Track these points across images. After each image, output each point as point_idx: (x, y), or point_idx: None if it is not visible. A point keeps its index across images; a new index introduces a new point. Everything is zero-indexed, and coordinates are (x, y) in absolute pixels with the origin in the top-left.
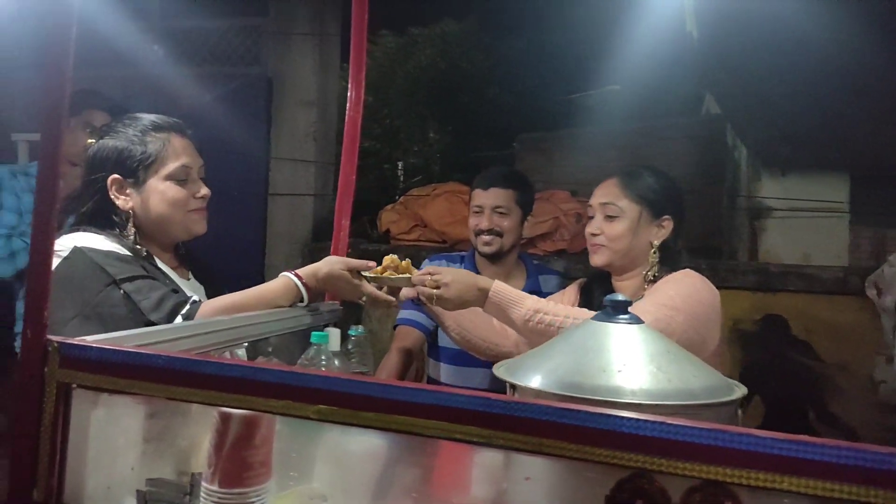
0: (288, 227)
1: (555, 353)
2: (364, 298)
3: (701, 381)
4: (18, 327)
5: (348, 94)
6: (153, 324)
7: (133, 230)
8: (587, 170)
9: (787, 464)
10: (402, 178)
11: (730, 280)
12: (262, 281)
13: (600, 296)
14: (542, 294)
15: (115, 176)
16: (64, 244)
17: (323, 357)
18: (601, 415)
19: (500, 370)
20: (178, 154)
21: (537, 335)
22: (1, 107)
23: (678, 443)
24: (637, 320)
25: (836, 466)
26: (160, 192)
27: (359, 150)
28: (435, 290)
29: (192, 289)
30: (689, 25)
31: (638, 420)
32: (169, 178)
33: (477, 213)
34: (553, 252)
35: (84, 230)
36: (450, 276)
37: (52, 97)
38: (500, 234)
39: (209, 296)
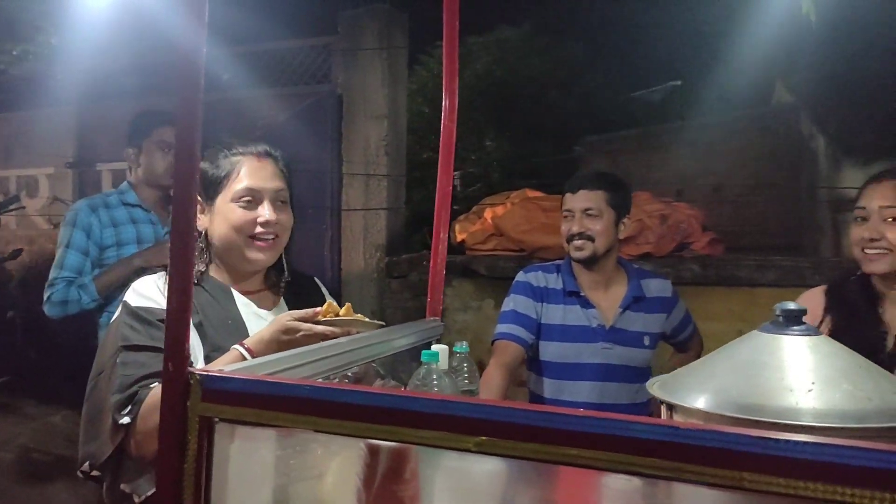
0: (363, 241)
1: (720, 371)
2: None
3: None
4: None
5: (443, 103)
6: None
7: (206, 253)
8: (658, 168)
9: None
10: (459, 188)
11: None
12: (339, 296)
13: (863, 300)
14: (647, 299)
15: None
16: (124, 294)
17: (434, 376)
18: (815, 444)
19: (654, 388)
20: (246, 176)
21: None
22: (87, 138)
23: None
24: (815, 331)
25: None
26: (223, 214)
27: (453, 160)
28: None
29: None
30: (806, 8)
31: (867, 451)
32: (233, 199)
33: (567, 217)
34: (637, 256)
35: (158, 271)
36: None
37: (184, 135)
38: (591, 239)
39: None
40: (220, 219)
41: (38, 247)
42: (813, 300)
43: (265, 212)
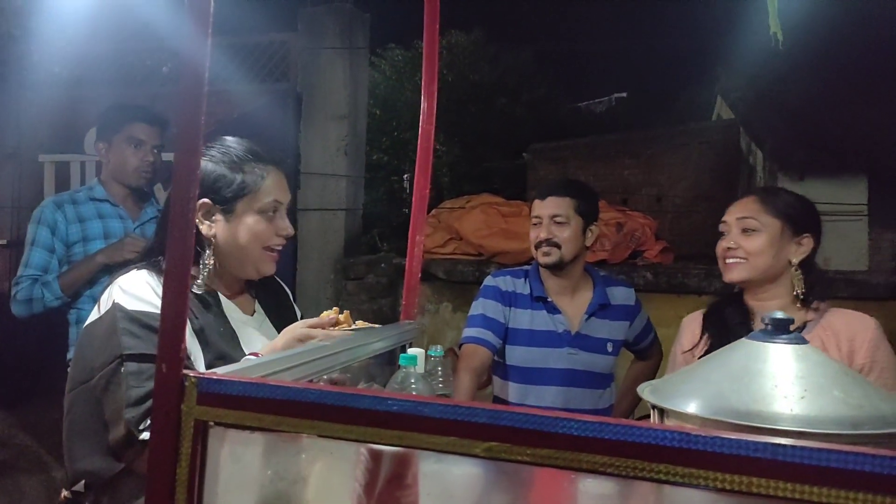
0: (319, 242)
1: (713, 378)
2: None
3: (890, 405)
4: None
5: (421, 105)
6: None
7: (211, 259)
8: (603, 178)
9: None
10: (408, 191)
11: None
12: (295, 298)
13: (736, 318)
14: (612, 307)
15: (205, 200)
16: (110, 294)
17: (412, 380)
18: (821, 450)
19: (645, 392)
20: (273, 188)
21: None
22: (28, 128)
23: None
24: (801, 340)
25: None
26: (247, 225)
27: (431, 163)
28: None
29: (255, 324)
30: (774, 27)
31: (872, 456)
32: (260, 211)
33: (535, 224)
34: (593, 263)
35: (143, 269)
36: None
37: (186, 133)
38: (558, 245)
39: (277, 324)
40: (241, 228)
41: None
42: (693, 322)
43: (287, 225)
